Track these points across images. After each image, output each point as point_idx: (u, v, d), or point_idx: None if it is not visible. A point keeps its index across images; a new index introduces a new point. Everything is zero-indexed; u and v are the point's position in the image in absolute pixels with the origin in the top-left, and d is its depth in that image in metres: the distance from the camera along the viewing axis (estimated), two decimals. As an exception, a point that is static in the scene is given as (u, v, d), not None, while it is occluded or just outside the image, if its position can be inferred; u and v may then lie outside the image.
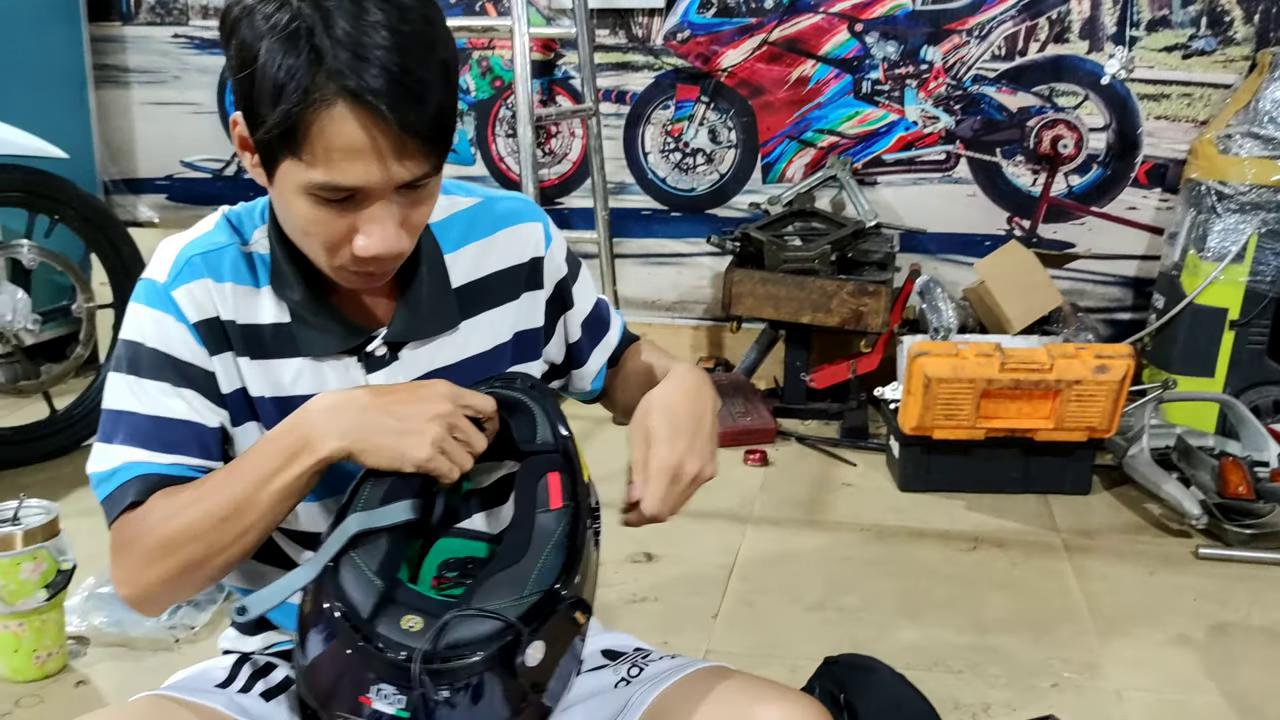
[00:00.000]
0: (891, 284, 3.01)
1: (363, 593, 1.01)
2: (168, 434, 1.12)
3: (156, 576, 1.09)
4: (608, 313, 1.40)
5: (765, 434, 2.93)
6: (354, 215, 1.04)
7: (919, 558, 2.28)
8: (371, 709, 0.99)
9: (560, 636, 1.03)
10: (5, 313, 2.45)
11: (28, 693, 1.75)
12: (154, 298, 1.13)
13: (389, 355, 1.20)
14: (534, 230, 1.29)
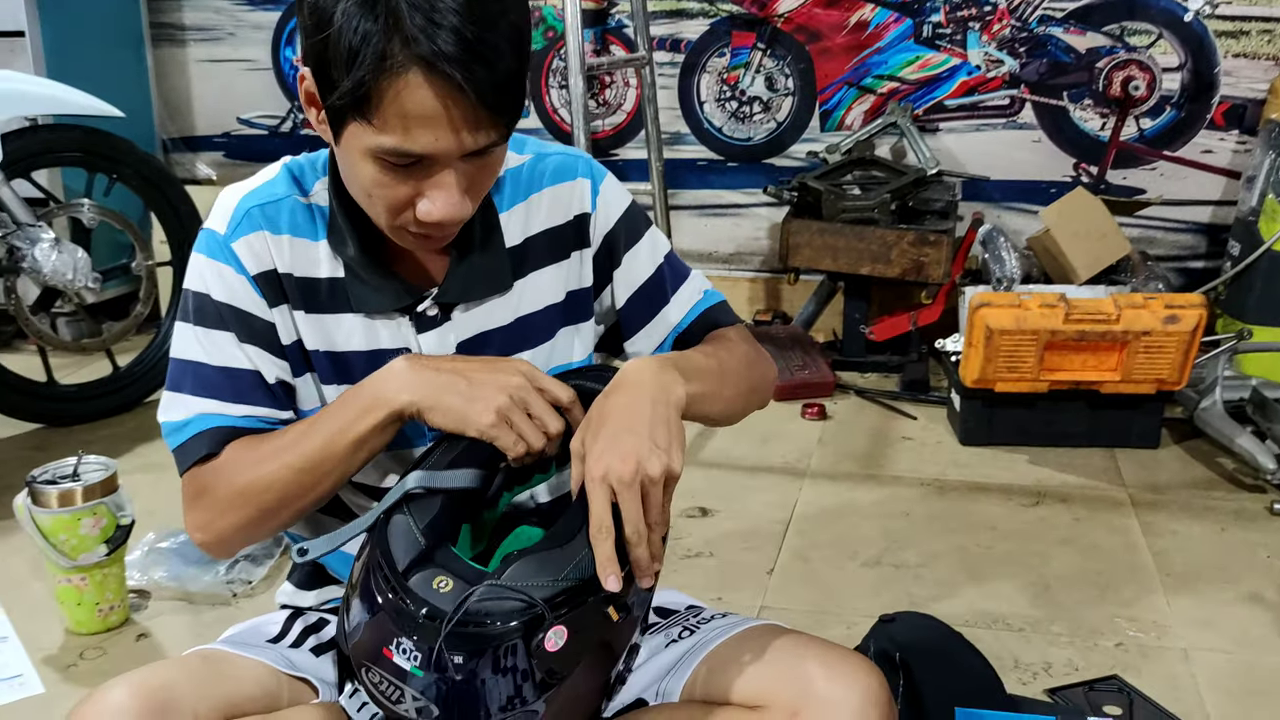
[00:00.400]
0: (953, 233, 2.93)
1: (404, 547, 1.02)
2: (237, 384, 1.14)
3: (232, 524, 1.12)
4: (673, 286, 1.31)
5: (823, 387, 2.88)
6: (419, 180, 1.02)
7: (980, 513, 2.23)
8: (392, 662, 0.99)
9: (588, 629, 1.01)
10: (66, 271, 2.48)
11: (91, 644, 1.78)
12: (215, 249, 1.14)
13: (440, 315, 1.18)
14: (580, 187, 1.25)
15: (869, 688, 1.15)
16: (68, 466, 1.77)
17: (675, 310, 1.32)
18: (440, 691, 0.98)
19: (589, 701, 1.12)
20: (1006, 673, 1.66)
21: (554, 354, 1.27)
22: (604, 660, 1.07)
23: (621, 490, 1.00)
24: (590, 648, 1.02)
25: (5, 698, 1.62)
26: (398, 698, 1.00)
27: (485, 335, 1.22)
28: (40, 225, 2.48)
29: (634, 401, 1.06)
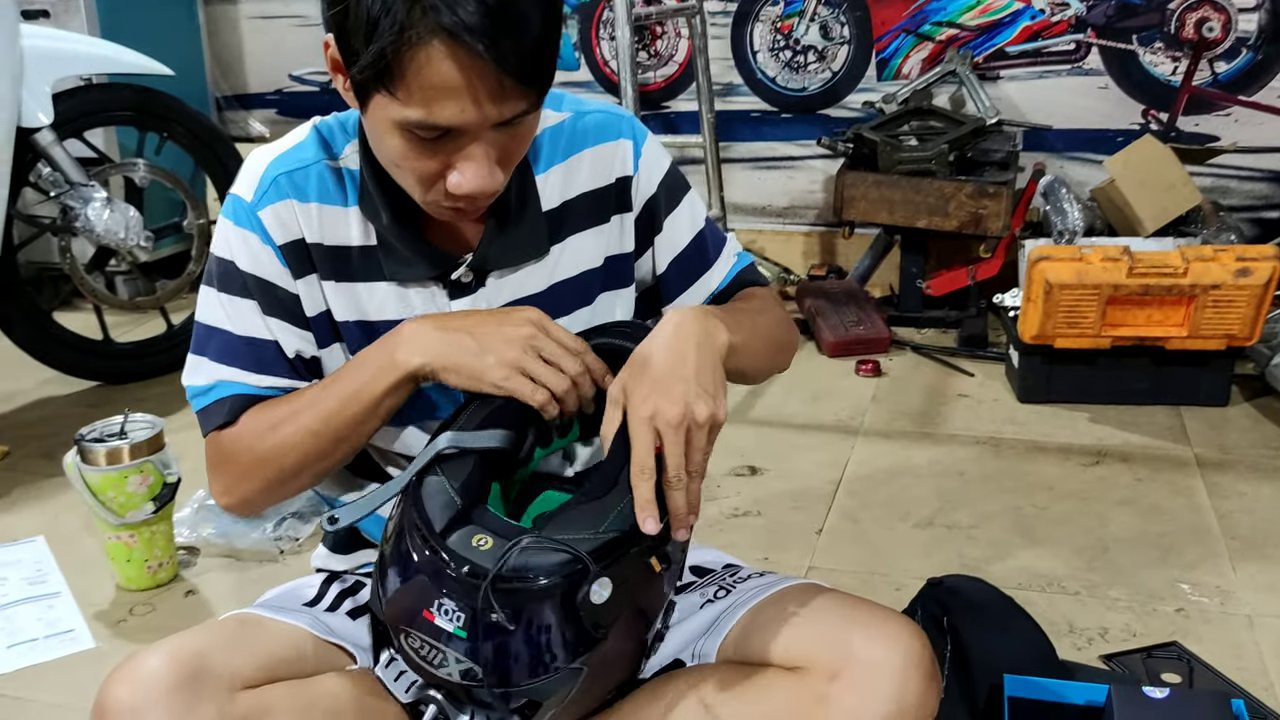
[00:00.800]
0: (1013, 185, 2.84)
1: (440, 507, 1.00)
2: (259, 354, 1.13)
3: (253, 488, 1.13)
4: (714, 251, 1.29)
5: (879, 343, 2.82)
6: (448, 152, 0.99)
7: (1037, 473, 2.17)
8: (433, 624, 0.98)
9: (631, 580, 0.99)
10: (118, 230, 2.50)
11: (141, 600, 1.80)
12: (241, 216, 1.12)
13: (475, 282, 1.16)
14: (621, 148, 1.21)
15: (911, 649, 1.12)
16: (115, 425, 1.79)
17: (715, 275, 1.30)
18: (485, 651, 0.96)
19: (631, 660, 1.10)
20: (1060, 638, 1.61)
21: (593, 319, 1.24)
22: (646, 616, 1.05)
23: (668, 433, 0.99)
24: (633, 600, 1.00)
25: (57, 652, 1.65)
26: (439, 660, 0.99)
27: (520, 301, 1.19)
28: (92, 185, 2.49)
29: (680, 346, 1.04)
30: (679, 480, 0.99)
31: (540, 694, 1.00)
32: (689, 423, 0.99)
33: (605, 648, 1.00)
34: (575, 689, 1.01)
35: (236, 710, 1.05)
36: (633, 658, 1.09)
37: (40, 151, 2.43)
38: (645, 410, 0.99)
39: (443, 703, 1.05)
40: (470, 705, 1.05)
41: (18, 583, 1.84)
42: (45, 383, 2.72)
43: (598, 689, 1.09)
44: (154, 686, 1.03)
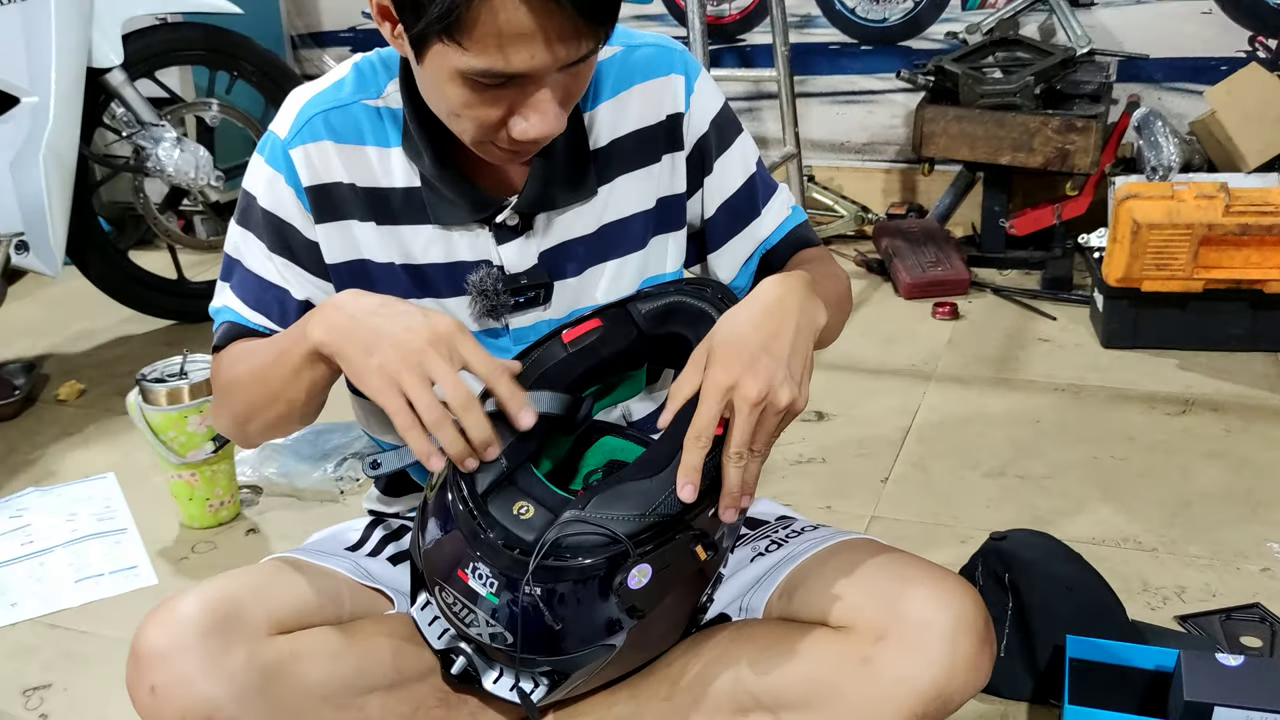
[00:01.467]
0: (1105, 119, 2.70)
1: (485, 467, 0.97)
2: (261, 294, 1.13)
3: (224, 415, 1.15)
4: (763, 199, 1.23)
5: (957, 285, 2.73)
6: (512, 98, 0.95)
7: (1119, 421, 2.07)
8: (466, 585, 0.96)
9: (673, 566, 0.95)
10: (189, 170, 2.51)
11: (202, 539, 1.83)
12: (272, 154, 1.10)
13: (521, 225, 1.12)
14: (673, 84, 1.16)
15: (963, 610, 1.07)
16: (175, 365, 1.80)
17: (765, 225, 1.24)
18: (515, 620, 0.95)
19: (670, 633, 1.07)
20: (1134, 596, 1.54)
21: (647, 264, 1.19)
22: (688, 595, 1.02)
23: (742, 409, 0.93)
24: (674, 585, 0.97)
25: (121, 588, 1.68)
26: (470, 620, 0.98)
27: (568, 245, 1.15)
28: (163, 124, 2.50)
29: (779, 323, 0.97)
30: (739, 457, 0.94)
31: (569, 666, 0.98)
32: (768, 404, 0.94)
33: (642, 627, 0.98)
34: (608, 662, 0.99)
35: (269, 654, 1.05)
36: (674, 631, 1.07)
37: (112, 92, 2.45)
38: (725, 379, 0.94)
39: (472, 656, 1.04)
40: (501, 664, 1.03)
41: (87, 518, 1.88)
42: (122, 321, 2.77)
43: (637, 655, 1.06)
44: (186, 630, 1.03)
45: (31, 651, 1.55)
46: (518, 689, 1.03)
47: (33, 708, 1.43)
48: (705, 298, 1.06)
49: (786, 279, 1.02)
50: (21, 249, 2.23)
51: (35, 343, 2.70)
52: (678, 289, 1.08)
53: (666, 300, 1.06)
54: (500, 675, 1.04)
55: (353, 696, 1.10)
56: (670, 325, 1.07)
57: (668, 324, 1.07)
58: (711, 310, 1.05)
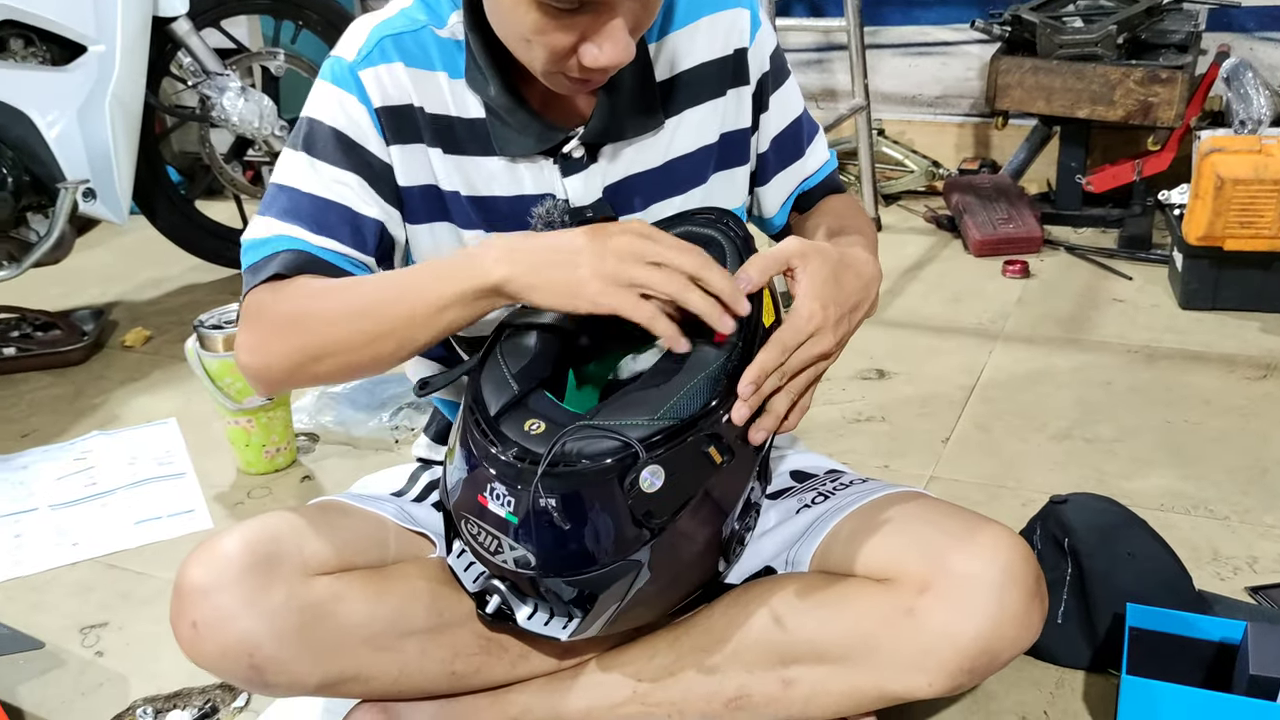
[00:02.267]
0: (1192, 69, 2.58)
1: (496, 392, 0.98)
2: (326, 216, 1.06)
3: (280, 352, 1.04)
4: (808, 139, 1.25)
5: (1029, 242, 2.64)
6: (585, 25, 0.93)
7: (1194, 385, 1.99)
8: (486, 509, 0.96)
9: (687, 470, 0.93)
10: (253, 119, 2.52)
11: (258, 484, 1.84)
12: (339, 76, 1.06)
13: (587, 157, 1.10)
14: (739, 17, 1.15)
15: (1010, 563, 1.04)
16: (231, 311, 1.81)
17: (809, 165, 1.26)
18: (536, 538, 0.94)
19: (700, 561, 1.04)
20: (1202, 565, 1.48)
21: (707, 199, 1.18)
22: (711, 513, 1.00)
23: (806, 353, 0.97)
24: (691, 492, 0.95)
25: (177, 531, 1.70)
26: (495, 548, 0.97)
27: (633, 179, 1.13)
28: (228, 74, 2.51)
29: (862, 297, 1.04)
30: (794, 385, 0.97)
31: (595, 585, 0.97)
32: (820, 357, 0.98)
33: (666, 543, 0.96)
34: (636, 584, 0.97)
35: (308, 595, 1.06)
36: (704, 558, 1.04)
37: (178, 41, 2.46)
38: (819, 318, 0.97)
39: (505, 593, 1.04)
40: (533, 598, 1.02)
41: (148, 462, 1.91)
42: (189, 270, 2.81)
43: (667, 589, 1.04)
44: (227, 568, 1.04)
45: (90, 590, 1.57)
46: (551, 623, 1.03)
47: (89, 645, 1.45)
48: (712, 224, 1.06)
49: (872, 261, 1.08)
50: (89, 196, 2.26)
51: (105, 290, 2.75)
52: (685, 218, 1.08)
53: (675, 231, 1.04)
54: (535, 612, 1.04)
55: (392, 639, 1.10)
56: None
57: None
58: (719, 236, 1.04)
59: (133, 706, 1.32)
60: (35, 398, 2.20)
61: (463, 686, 1.16)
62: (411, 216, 1.12)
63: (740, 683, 1.13)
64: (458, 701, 1.18)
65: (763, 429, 0.97)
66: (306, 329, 1.02)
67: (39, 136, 2.19)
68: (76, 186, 2.22)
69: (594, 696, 1.18)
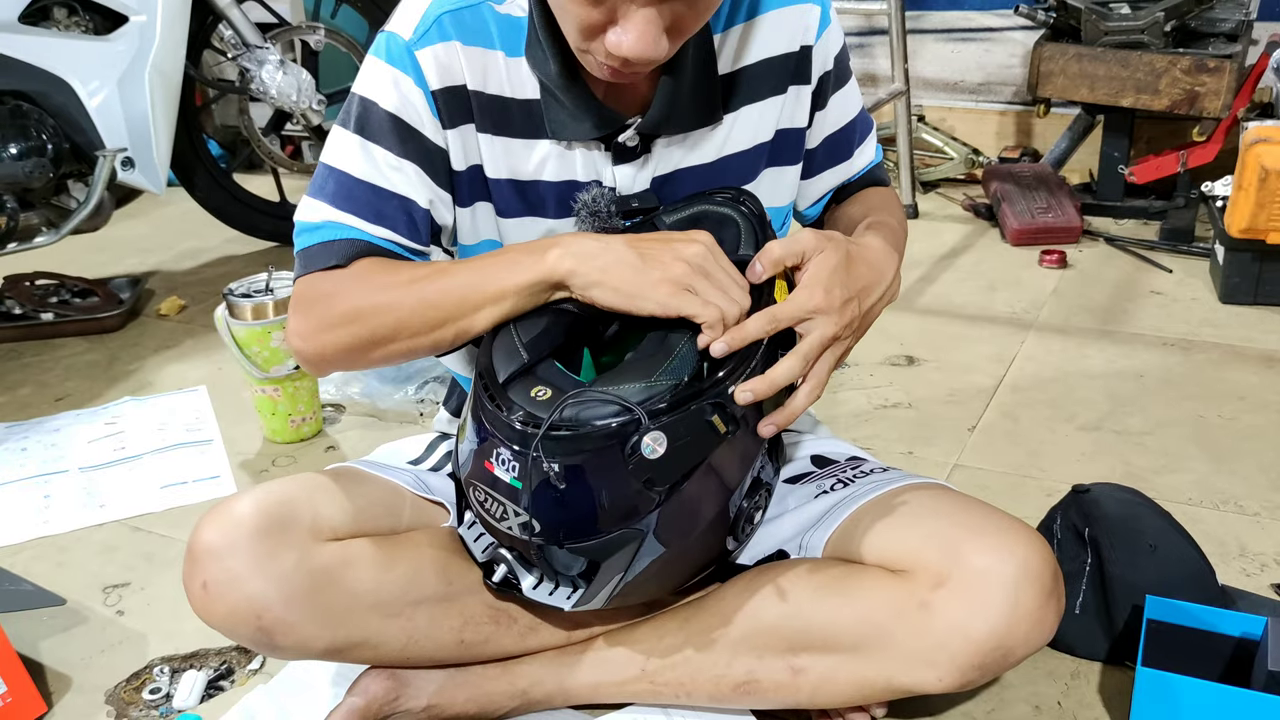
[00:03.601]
0: (1242, 59, 2.53)
1: (505, 360, 0.98)
2: (382, 205, 1.05)
3: (337, 340, 1.04)
4: (859, 140, 1.24)
5: (1068, 232, 2.60)
6: (616, 7, 0.91)
7: (1230, 380, 1.96)
8: (492, 475, 0.97)
9: (690, 438, 0.93)
10: (291, 92, 2.53)
11: (284, 453, 1.86)
12: (395, 55, 1.03)
13: (640, 147, 1.08)
14: (809, 15, 1.11)
15: (1027, 560, 1.03)
16: (261, 281, 1.82)
17: (854, 165, 1.25)
18: (539, 504, 0.94)
19: (707, 538, 1.04)
20: (1229, 560, 1.46)
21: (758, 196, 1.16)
22: (717, 486, 0.99)
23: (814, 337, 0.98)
24: (694, 461, 0.95)
25: (202, 496, 1.72)
26: (501, 514, 0.98)
27: (684, 172, 1.12)
28: (267, 47, 2.53)
29: (874, 281, 1.04)
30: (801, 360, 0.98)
31: (597, 553, 0.97)
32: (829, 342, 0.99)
33: (670, 514, 0.96)
34: (639, 555, 0.97)
35: (318, 559, 1.06)
36: (710, 535, 1.03)
37: (219, 13, 2.47)
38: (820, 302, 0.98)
39: (512, 562, 1.04)
40: (538, 568, 1.02)
41: (177, 428, 1.93)
42: (226, 242, 2.84)
43: (673, 565, 1.03)
44: (239, 531, 1.05)
45: (114, 551, 1.60)
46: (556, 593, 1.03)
47: (111, 604, 1.48)
48: (728, 203, 1.06)
49: (886, 250, 1.08)
50: (127, 165, 2.28)
51: (143, 259, 2.78)
52: (703, 198, 1.08)
53: (692, 210, 1.06)
54: (540, 581, 1.04)
55: (402, 606, 1.11)
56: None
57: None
58: (735, 214, 1.04)
59: (150, 665, 1.34)
60: (71, 363, 2.23)
61: (471, 656, 1.17)
62: (461, 200, 1.11)
63: (749, 667, 1.13)
64: (467, 671, 1.18)
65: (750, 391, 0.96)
66: (367, 319, 1.02)
67: (79, 105, 2.22)
68: (115, 155, 2.25)
69: (603, 672, 1.18)
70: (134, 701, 1.29)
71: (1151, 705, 1.12)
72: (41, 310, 2.35)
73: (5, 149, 2.18)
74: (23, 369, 2.21)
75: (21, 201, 2.25)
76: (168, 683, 1.30)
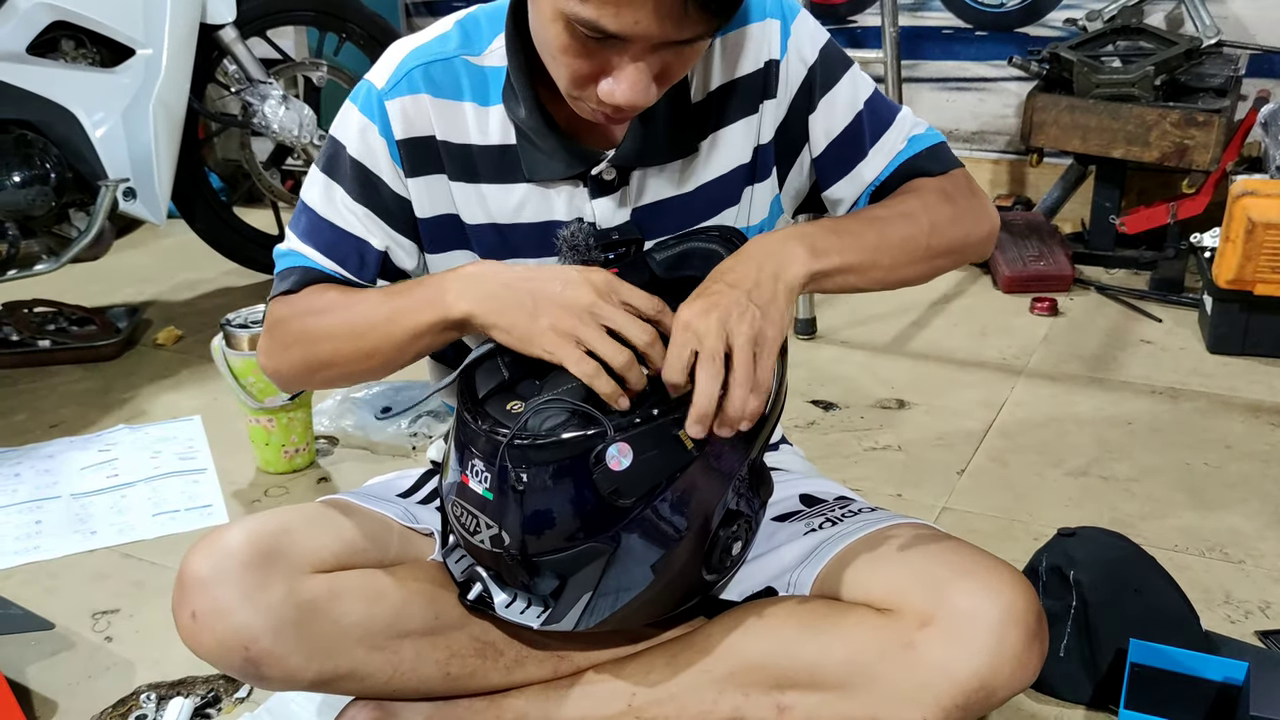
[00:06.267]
0: (1230, 114, 2.57)
1: (486, 378, 1.01)
2: (337, 243, 1.12)
3: (291, 361, 1.12)
4: (871, 137, 1.16)
5: (1059, 281, 2.63)
6: (608, 58, 0.94)
7: (1217, 429, 1.97)
8: (467, 488, 0.99)
9: (655, 451, 0.95)
10: (292, 127, 2.56)
11: (276, 483, 1.87)
12: (367, 103, 1.09)
13: (618, 180, 1.10)
14: (768, 30, 1.12)
15: (1012, 604, 1.04)
16: (258, 312, 1.84)
17: (872, 167, 1.17)
18: (508, 515, 0.96)
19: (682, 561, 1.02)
20: (1213, 608, 1.47)
21: (738, 219, 1.17)
22: (686, 506, 0.99)
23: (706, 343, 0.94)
24: (660, 475, 0.95)
25: (194, 524, 1.72)
26: (475, 527, 1.00)
27: (664, 203, 1.13)
28: (270, 82, 2.56)
29: (743, 265, 0.99)
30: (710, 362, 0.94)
31: (564, 567, 0.98)
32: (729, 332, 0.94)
33: (638, 530, 0.97)
34: (608, 574, 0.98)
35: (306, 591, 1.07)
36: (684, 560, 1.03)
37: (224, 48, 2.51)
38: (685, 315, 0.95)
39: (487, 580, 1.06)
40: (511, 586, 1.04)
41: (170, 457, 1.94)
42: (224, 274, 2.85)
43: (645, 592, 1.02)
44: (229, 561, 1.05)
45: (104, 578, 1.60)
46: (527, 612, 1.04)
47: (99, 630, 1.48)
48: (716, 239, 1.09)
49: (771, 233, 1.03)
50: (129, 195, 2.30)
51: (141, 289, 2.80)
52: (691, 236, 1.10)
53: (681, 248, 1.08)
54: (513, 600, 1.05)
55: (388, 639, 1.11)
56: (684, 269, 1.08)
57: (682, 268, 1.08)
58: (722, 249, 1.06)
59: (137, 692, 1.34)
60: (66, 390, 2.24)
61: (458, 689, 1.17)
62: (431, 246, 1.15)
63: (735, 704, 1.13)
64: (454, 704, 1.18)
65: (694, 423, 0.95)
66: (309, 344, 1.10)
67: (84, 135, 2.25)
68: (117, 185, 2.27)
69: (589, 706, 1.18)
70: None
71: (1134, 749, 1.13)
72: (39, 337, 2.36)
73: (9, 177, 2.20)
74: (18, 395, 2.22)
75: (23, 229, 2.27)
76: (154, 710, 1.30)
